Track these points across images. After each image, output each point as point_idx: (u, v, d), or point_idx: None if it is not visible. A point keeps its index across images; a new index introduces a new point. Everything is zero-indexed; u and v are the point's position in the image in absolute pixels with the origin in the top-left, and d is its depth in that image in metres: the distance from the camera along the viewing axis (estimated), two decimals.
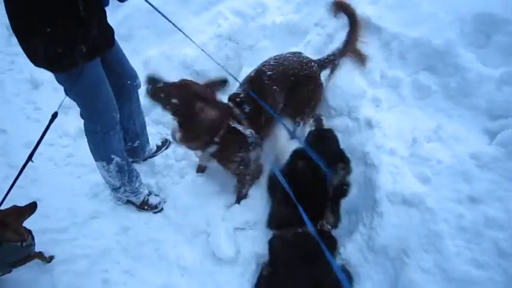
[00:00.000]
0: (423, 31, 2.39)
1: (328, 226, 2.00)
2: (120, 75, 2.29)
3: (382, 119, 2.25)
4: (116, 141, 2.29)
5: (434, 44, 2.32)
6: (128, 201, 2.59)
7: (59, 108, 1.89)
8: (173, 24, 2.22)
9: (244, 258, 2.24)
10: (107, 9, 1.98)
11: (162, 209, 2.57)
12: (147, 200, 2.56)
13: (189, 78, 2.89)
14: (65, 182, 2.74)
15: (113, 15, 3.40)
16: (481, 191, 1.95)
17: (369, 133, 2.25)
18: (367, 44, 2.52)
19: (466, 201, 1.96)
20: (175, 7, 3.16)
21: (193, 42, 2.30)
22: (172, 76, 2.89)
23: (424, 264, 1.88)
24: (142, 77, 3.03)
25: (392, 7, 2.57)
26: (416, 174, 2.04)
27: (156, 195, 2.61)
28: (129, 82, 2.37)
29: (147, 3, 3.22)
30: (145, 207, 2.56)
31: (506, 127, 2.03)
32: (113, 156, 2.30)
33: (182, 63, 2.99)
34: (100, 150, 2.29)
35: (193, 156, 2.66)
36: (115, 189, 2.49)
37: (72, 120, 2.81)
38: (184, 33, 2.27)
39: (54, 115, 1.92)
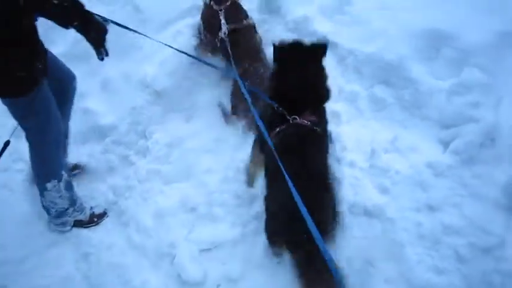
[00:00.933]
0: (376, 46, 2.48)
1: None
2: (61, 79, 2.28)
3: (341, 132, 2.30)
4: (61, 154, 2.27)
5: (388, 59, 2.42)
6: (75, 224, 2.49)
7: (11, 136, 1.83)
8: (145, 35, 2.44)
9: (211, 280, 2.19)
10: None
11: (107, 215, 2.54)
12: (93, 212, 2.52)
13: (149, 98, 2.91)
14: (21, 208, 2.61)
15: (69, 35, 3.33)
16: (438, 199, 2.03)
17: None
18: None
19: (424, 209, 2.03)
20: (133, 26, 3.11)
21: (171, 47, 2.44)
22: (132, 97, 2.91)
23: (388, 274, 1.92)
24: (97, 98, 3.02)
25: (347, 24, 2.65)
26: (376, 185, 2.09)
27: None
28: (69, 84, 2.37)
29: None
30: (95, 219, 2.51)
31: (458, 136, 2.13)
32: (62, 172, 2.25)
33: (142, 82, 2.95)
34: (50, 166, 2.23)
35: (157, 176, 2.62)
36: (62, 213, 2.39)
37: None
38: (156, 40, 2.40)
39: (7, 143, 1.86)
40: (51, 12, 1.79)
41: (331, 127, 2.34)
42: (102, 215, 2.55)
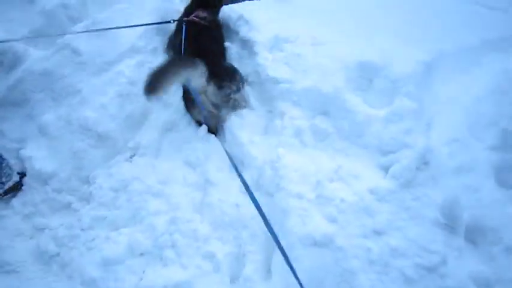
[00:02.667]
0: (313, 79, 2.58)
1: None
2: None
3: (287, 165, 2.33)
4: None
5: (325, 91, 2.51)
6: None
7: None
8: None
9: None
10: None
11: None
12: None
13: (90, 141, 2.83)
14: None
15: (4, 80, 3.20)
16: (382, 223, 2.09)
17: (277, 180, 2.31)
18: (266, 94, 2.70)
19: (371, 234, 2.08)
20: (71, 69, 3.05)
21: None
22: (73, 141, 2.81)
23: None
24: (36, 144, 2.89)
25: (285, 59, 2.76)
26: (324, 215, 2.13)
27: None
28: None
29: (39, 67, 3.10)
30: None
31: (396, 161, 2.23)
32: None
33: (82, 125, 2.86)
34: None
35: (103, 223, 2.51)
36: None
37: None
38: None
39: None
40: None
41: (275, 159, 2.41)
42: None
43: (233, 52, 3.04)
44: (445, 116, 2.57)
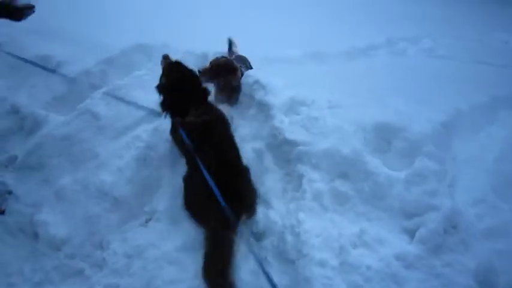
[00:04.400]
0: (332, 142, 2.58)
1: None
2: None
3: (307, 229, 2.26)
4: None
5: (344, 153, 2.50)
6: None
7: None
8: None
9: None
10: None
11: None
12: None
13: (106, 205, 2.80)
14: None
15: (23, 145, 3.26)
16: None
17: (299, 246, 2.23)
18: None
19: None
20: (90, 134, 3.12)
21: None
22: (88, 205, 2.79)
23: None
24: (51, 209, 2.86)
25: (301, 122, 2.78)
26: (350, 284, 2.00)
27: None
28: None
29: (59, 131, 3.17)
30: None
31: (422, 225, 2.15)
32: None
33: (99, 189, 2.85)
34: None
35: None
36: None
37: None
38: None
39: None
40: None
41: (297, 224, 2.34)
42: None
43: (250, 115, 3.07)
44: (467, 176, 2.53)
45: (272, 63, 4.05)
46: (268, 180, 2.66)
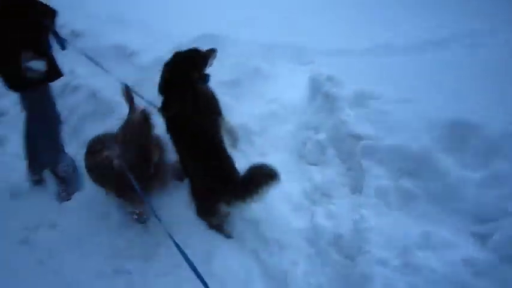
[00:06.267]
0: (400, 138, 2.47)
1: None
2: None
3: (370, 227, 2.19)
4: None
5: (412, 150, 2.38)
6: None
7: None
8: None
9: None
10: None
11: None
12: None
13: None
14: None
15: (101, 126, 3.45)
16: None
17: (360, 243, 2.17)
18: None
19: None
20: None
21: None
22: None
23: None
24: None
25: (367, 116, 2.69)
26: (411, 286, 1.92)
27: None
28: None
29: None
30: None
31: (496, 231, 2.00)
32: None
33: None
34: None
35: None
36: None
37: None
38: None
39: None
40: None
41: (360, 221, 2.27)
42: None
43: (315, 106, 3.02)
44: None
45: (340, 56, 3.95)
46: (329, 174, 2.62)
